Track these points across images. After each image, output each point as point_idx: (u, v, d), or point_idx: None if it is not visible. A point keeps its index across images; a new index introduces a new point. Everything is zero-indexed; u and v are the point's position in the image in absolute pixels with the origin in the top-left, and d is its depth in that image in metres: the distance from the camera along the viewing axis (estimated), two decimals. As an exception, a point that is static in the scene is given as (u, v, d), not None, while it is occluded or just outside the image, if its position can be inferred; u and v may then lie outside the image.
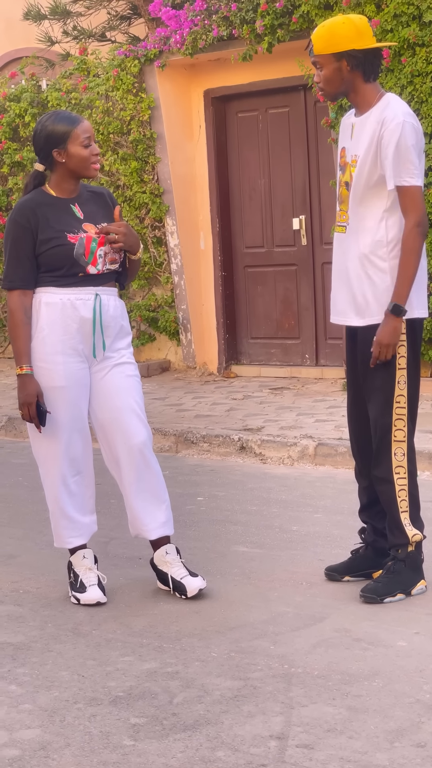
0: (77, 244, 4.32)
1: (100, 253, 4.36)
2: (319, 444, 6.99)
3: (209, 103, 10.15)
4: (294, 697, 3.46)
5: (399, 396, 4.29)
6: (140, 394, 4.49)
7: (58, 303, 4.34)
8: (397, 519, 4.32)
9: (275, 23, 8.80)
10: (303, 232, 9.76)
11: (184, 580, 4.40)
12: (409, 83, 8.20)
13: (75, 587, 4.49)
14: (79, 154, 4.34)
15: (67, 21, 11.49)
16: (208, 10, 9.33)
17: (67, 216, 4.38)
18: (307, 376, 9.72)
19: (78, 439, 4.43)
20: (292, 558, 4.94)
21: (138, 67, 9.97)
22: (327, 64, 4.24)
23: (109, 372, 4.43)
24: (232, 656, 3.82)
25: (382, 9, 8.24)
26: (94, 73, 10.48)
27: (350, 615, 4.16)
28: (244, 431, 7.51)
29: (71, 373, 4.36)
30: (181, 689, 3.57)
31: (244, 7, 8.96)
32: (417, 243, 4.17)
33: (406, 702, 3.38)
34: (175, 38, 9.55)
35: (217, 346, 10.31)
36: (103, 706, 3.47)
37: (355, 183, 4.26)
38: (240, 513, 5.81)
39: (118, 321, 4.45)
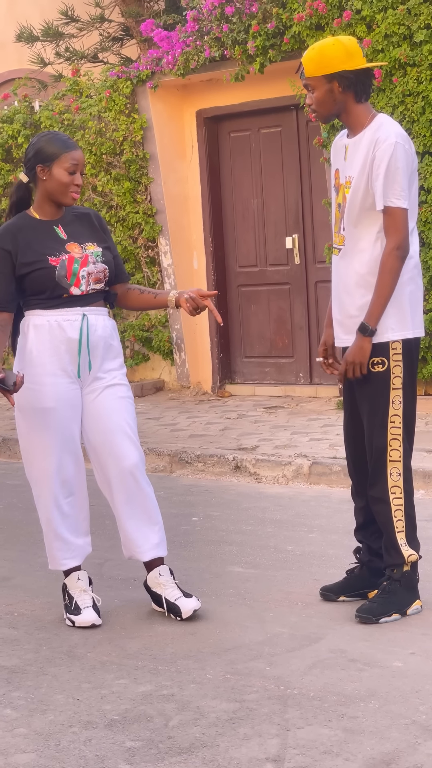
0: (59, 266, 4.31)
1: (83, 274, 4.34)
2: (314, 463, 6.98)
3: (201, 123, 10.18)
4: (290, 719, 3.45)
5: (394, 416, 4.29)
6: (132, 415, 4.48)
7: (45, 325, 4.34)
8: (393, 539, 4.32)
9: (267, 44, 8.84)
10: (296, 251, 9.77)
11: (178, 602, 4.39)
12: (400, 103, 8.24)
13: (70, 609, 4.47)
14: (60, 177, 4.35)
15: (59, 42, 11.52)
16: (199, 31, 9.36)
17: (49, 238, 4.38)
18: (301, 395, 9.72)
19: (70, 460, 4.42)
20: (288, 578, 4.92)
21: (130, 87, 10.00)
22: (319, 86, 4.25)
23: (100, 394, 4.42)
24: (228, 678, 3.81)
25: (373, 29, 8.28)
26: (86, 94, 10.51)
27: (346, 635, 4.15)
28: (239, 451, 7.50)
29: (60, 395, 4.35)
30: (176, 712, 3.56)
31: (236, 28, 8.99)
32: (395, 265, 4.17)
33: (402, 723, 3.37)
34: (167, 59, 9.59)
35: (211, 366, 10.31)
36: (99, 730, 3.46)
37: (349, 204, 4.27)
38: (235, 533, 5.80)
39: (107, 341, 4.43)
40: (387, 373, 4.27)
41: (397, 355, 4.26)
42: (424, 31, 8.00)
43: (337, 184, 4.39)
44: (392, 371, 4.26)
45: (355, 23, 8.35)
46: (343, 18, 8.33)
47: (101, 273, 4.41)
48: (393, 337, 4.24)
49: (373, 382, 4.28)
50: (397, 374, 4.27)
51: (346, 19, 8.31)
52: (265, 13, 8.82)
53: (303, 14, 8.51)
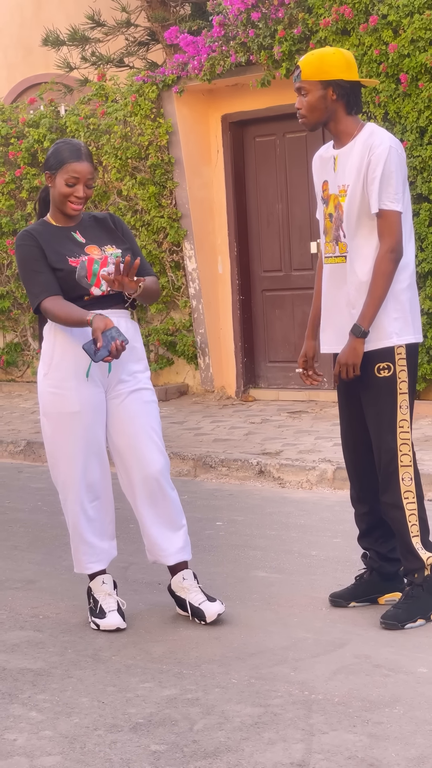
0: (78, 267, 4.32)
1: (103, 274, 4.34)
2: (338, 468, 6.98)
3: (227, 128, 10.20)
4: (314, 724, 3.45)
5: (402, 420, 4.29)
6: (157, 420, 4.49)
7: (68, 329, 4.34)
8: (410, 544, 4.31)
9: (293, 49, 8.85)
10: (321, 255, 9.76)
11: (202, 606, 4.40)
12: (426, 107, 8.22)
13: (94, 613, 4.48)
14: (60, 188, 4.37)
15: (85, 47, 11.57)
16: (225, 36, 9.38)
17: (68, 242, 4.40)
18: (325, 400, 9.71)
19: (96, 464, 4.43)
20: (312, 583, 4.93)
21: (156, 92, 10.03)
22: (313, 90, 4.27)
23: (126, 398, 4.42)
24: (252, 683, 3.81)
25: (399, 34, 8.28)
26: (112, 99, 10.54)
27: (370, 641, 4.15)
28: (263, 455, 7.51)
29: (85, 399, 4.36)
30: (201, 716, 3.56)
31: (262, 33, 9.01)
32: (389, 268, 4.19)
33: (428, 729, 3.37)
34: (192, 64, 9.61)
35: (235, 370, 10.32)
36: (124, 733, 3.47)
37: (347, 213, 4.27)
38: (259, 538, 5.80)
39: (130, 343, 4.41)
40: (393, 378, 4.27)
41: (402, 360, 4.27)
42: (451, 36, 7.99)
43: (326, 196, 4.41)
44: (398, 376, 4.27)
45: (381, 28, 8.34)
46: (370, 23, 8.33)
47: None
48: (398, 342, 4.26)
49: (379, 388, 4.28)
50: (403, 379, 4.28)
51: (372, 24, 8.31)
52: (291, 18, 8.83)
53: (329, 19, 8.52)
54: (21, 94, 13.41)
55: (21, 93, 13.43)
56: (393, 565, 4.52)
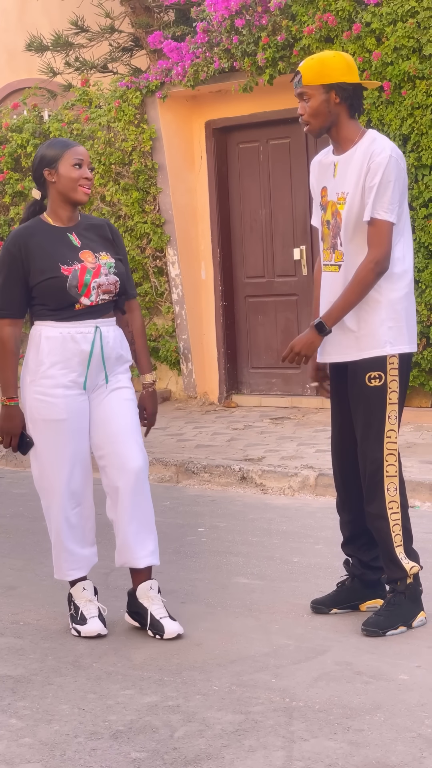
0: (70, 276, 4.28)
1: (94, 285, 4.32)
2: (320, 474, 6.98)
3: (210, 134, 10.20)
4: (295, 731, 3.45)
5: (390, 431, 4.29)
6: (136, 417, 4.48)
7: (58, 337, 4.32)
8: (393, 554, 4.32)
9: (276, 56, 8.86)
10: (303, 262, 9.79)
11: (163, 621, 4.32)
12: (409, 115, 8.25)
13: (75, 619, 4.47)
14: (67, 174, 4.32)
15: (69, 52, 11.55)
16: (209, 42, 9.39)
17: (62, 245, 4.35)
18: (308, 406, 9.72)
19: (79, 471, 4.42)
20: (294, 590, 4.92)
21: (139, 98, 10.03)
22: (315, 95, 4.23)
23: (106, 396, 4.42)
24: (234, 690, 3.81)
25: (383, 42, 8.30)
26: (95, 104, 10.54)
27: (352, 648, 4.15)
28: (245, 461, 7.51)
29: (72, 407, 4.35)
30: (182, 723, 3.56)
31: (246, 40, 9.02)
32: (369, 278, 4.16)
33: (408, 737, 3.37)
34: (176, 70, 9.62)
35: (218, 376, 10.32)
36: (104, 740, 3.46)
37: (345, 220, 4.26)
38: (241, 544, 5.80)
39: (118, 351, 4.44)
40: (384, 387, 4.26)
41: (394, 370, 4.26)
42: (434, 44, 8.02)
43: (325, 202, 4.39)
44: (389, 386, 4.26)
45: (364, 36, 8.36)
46: (353, 31, 8.35)
47: (112, 285, 4.39)
48: (391, 351, 4.24)
49: (368, 397, 4.27)
50: (393, 389, 4.27)
51: (356, 31, 8.33)
52: (274, 26, 8.84)
53: (313, 27, 8.54)
54: (4, 99, 13.39)
55: (4, 98, 13.40)
56: (375, 573, 4.52)
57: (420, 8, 8.06)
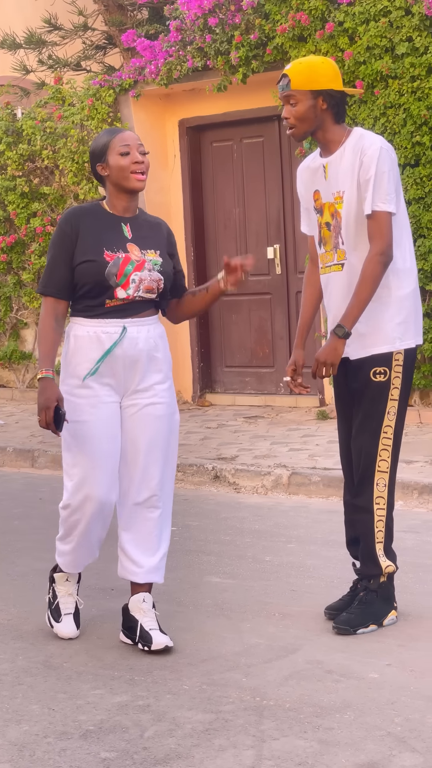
0: (111, 263, 4.13)
1: (134, 278, 4.15)
2: (293, 473, 6.99)
3: (184, 132, 10.20)
4: (265, 730, 3.45)
5: (387, 426, 4.30)
6: (166, 435, 4.28)
7: (85, 336, 4.19)
8: (372, 550, 4.32)
9: (249, 55, 8.86)
10: (277, 261, 9.80)
11: (152, 632, 4.21)
12: (382, 115, 8.27)
13: (50, 608, 4.43)
14: (117, 163, 4.17)
15: (42, 50, 11.52)
16: (182, 41, 9.38)
17: (112, 232, 4.21)
18: (281, 405, 9.73)
19: (102, 475, 4.22)
20: (265, 589, 4.93)
21: (113, 96, 10.01)
22: (303, 100, 4.24)
23: (138, 411, 4.25)
24: (204, 689, 3.80)
25: (356, 41, 8.31)
26: (69, 102, 10.51)
27: (322, 646, 4.15)
28: (218, 460, 7.51)
29: (97, 408, 4.20)
30: (152, 723, 3.55)
31: (219, 39, 9.01)
32: (376, 271, 4.16)
33: (378, 735, 3.37)
34: (149, 68, 9.60)
35: (192, 375, 10.31)
36: (74, 740, 3.45)
37: (346, 218, 4.26)
38: (213, 543, 5.79)
39: (150, 353, 4.23)
40: (387, 383, 4.27)
41: (399, 366, 4.27)
42: (406, 43, 8.05)
43: (320, 205, 4.38)
44: (392, 382, 4.27)
45: (337, 35, 8.38)
46: (326, 30, 8.36)
47: (155, 282, 4.20)
48: (397, 347, 4.25)
49: (372, 391, 4.28)
50: (396, 385, 4.28)
51: (329, 31, 8.35)
52: (248, 24, 8.84)
53: (286, 26, 8.54)
54: (-23, 96, 13.32)
55: (-23, 96, 13.34)
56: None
57: (392, 8, 8.08)
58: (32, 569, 5.32)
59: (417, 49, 8.06)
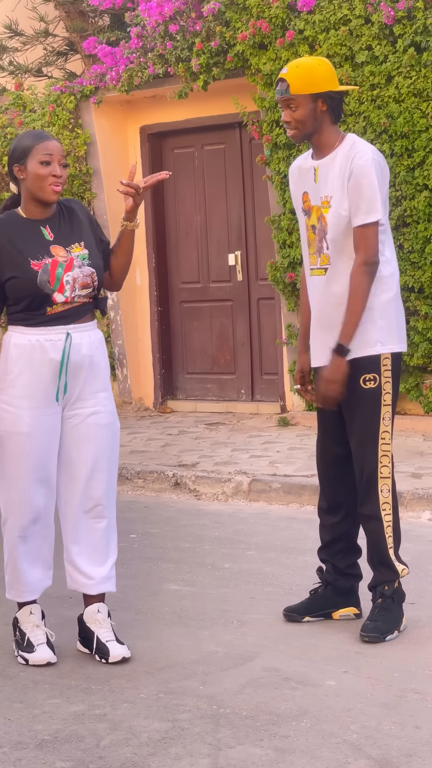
0: (41, 271, 4.05)
1: (67, 279, 4.07)
2: (253, 480, 7.00)
3: (145, 139, 10.19)
4: (222, 738, 3.45)
5: (384, 432, 4.30)
6: (110, 444, 4.24)
7: (27, 345, 4.11)
8: (385, 555, 4.32)
9: (210, 62, 8.87)
10: (239, 267, 9.80)
11: (109, 644, 4.15)
12: (342, 122, 8.30)
13: (21, 646, 4.23)
14: (35, 171, 4.08)
15: (2, 56, 11.48)
16: (143, 47, 9.38)
17: (33, 239, 4.12)
18: (242, 411, 9.74)
19: (41, 489, 4.18)
20: (224, 596, 4.92)
21: (74, 102, 9.99)
22: (304, 104, 4.23)
23: (82, 421, 4.20)
24: (161, 697, 3.79)
25: (315, 50, 8.34)
26: (30, 108, 10.48)
27: (280, 654, 4.15)
28: (179, 467, 7.50)
29: (37, 420, 4.13)
30: (108, 732, 3.54)
31: (180, 46, 9.02)
32: (364, 281, 4.18)
33: (334, 742, 3.38)
34: (111, 75, 9.59)
35: (153, 381, 10.30)
36: (29, 750, 3.43)
37: (331, 224, 4.26)
38: (173, 550, 5.78)
39: (92, 359, 4.18)
40: (378, 389, 4.27)
41: (387, 371, 4.28)
42: (366, 52, 8.09)
43: (307, 207, 4.38)
44: (383, 387, 4.28)
45: (297, 43, 8.41)
46: (286, 38, 8.39)
47: (88, 277, 4.13)
48: (383, 351, 4.26)
49: (364, 399, 4.28)
50: (387, 390, 4.29)
51: (289, 39, 8.37)
52: (208, 32, 8.85)
53: (246, 33, 8.56)
54: None
55: None
56: (349, 581, 4.51)
57: (352, 16, 8.12)
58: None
59: (377, 57, 8.11)
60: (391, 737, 3.40)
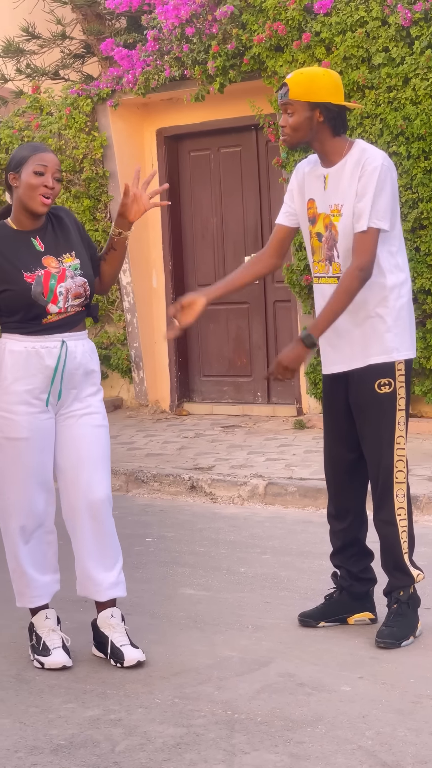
0: (34, 283, 4.09)
1: (61, 290, 4.14)
2: (269, 483, 6.99)
3: (162, 141, 10.20)
4: (236, 744, 3.44)
5: (399, 437, 4.30)
6: (105, 445, 4.30)
7: (22, 351, 4.15)
8: (400, 561, 4.31)
9: (227, 64, 8.87)
10: (255, 270, 9.78)
11: (123, 648, 4.17)
12: (358, 125, 8.29)
13: (37, 650, 4.23)
14: (28, 180, 4.12)
15: (20, 59, 11.50)
16: (160, 50, 9.39)
17: (25, 251, 4.16)
18: (258, 414, 9.74)
19: (40, 494, 4.22)
20: (239, 601, 4.92)
21: (91, 105, 10.01)
22: (300, 110, 4.22)
23: (76, 422, 4.24)
24: (176, 702, 3.80)
25: (332, 52, 8.34)
26: (47, 111, 10.50)
27: (295, 659, 4.15)
28: (195, 470, 7.50)
29: (35, 425, 4.17)
30: (123, 737, 3.54)
31: (196, 48, 9.02)
32: (353, 285, 4.15)
33: (348, 749, 3.37)
34: (127, 78, 9.60)
35: (170, 384, 10.31)
36: (45, 755, 3.43)
37: (342, 232, 4.24)
38: (188, 554, 5.78)
39: (86, 366, 4.24)
40: (393, 394, 4.27)
41: (402, 376, 4.28)
42: (382, 54, 8.08)
43: (313, 214, 4.36)
44: (398, 392, 4.28)
45: (314, 45, 8.40)
46: (303, 40, 8.38)
47: (81, 287, 4.18)
48: (398, 357, 4.26)
49: (380, 404, 4.28)
50: (402, 395, 4.29)
51: (306, 41, 8.36)
52: (225, 34, 8.85)
53: (263, 35, 8.56)
54: None
55: None
56: (363, 585, 4.50)
57: (369, 18, 8.11)
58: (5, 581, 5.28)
59: (393, 59, 8.10)
60: (406, 744, 3.39)
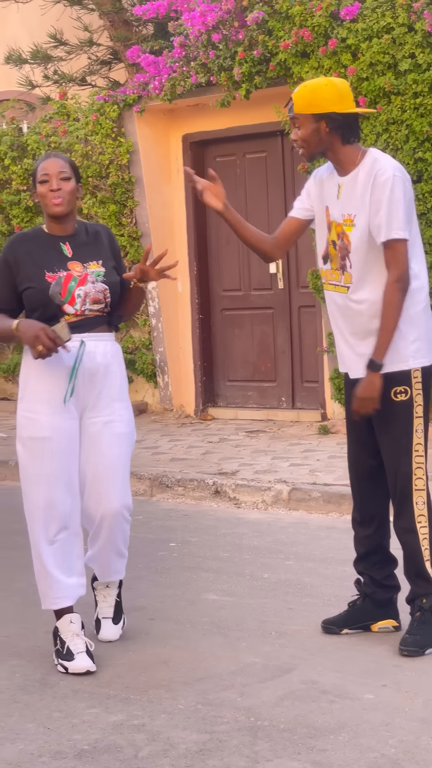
0: (54, 283, 4.21)
1: (79, 293, 4.23)
2: (293, 489, 7.00)
3: (187, 147, 10.23)
4: (259, 751, 3.45)
5: (417, 444, 4.30)
6: (127, 453, 4.38)
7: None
8: (422, 568, 4.30)
9: (253, 70, 8.89)
10: (280, 275, 9.81)
11: (103, 622, 4.55)
12: (384, 131, 8.29)
13: (62, 655, 4.25)
14: (38, 192, 4.35)
15: (47, 65, 11.55)
16: (186, 56, 9.41)
17: (53, 253, 4.31)
18: (283, 419, 9.74)
19: (66, 494, 4.27)
20: (262, 607, 4.93)
21: (117, 111, 10.05)
22: (306, 123, 4.25)
23: (99, 429, 4.31)
24: (199, 708, 3.81)
25: (358, 58, 8.34)
26: (73, 117, 10.55)
27: (318, 666, 4.15)
28: (219, 475, 7.51)
29: (56, 425, 4.24)
30: (146, 742, 3.56)
31: (222, 55, 9.04)
32: (396, 298, 4.18)
33: (371, 757, 3.38)
34: (153, 84, 9.64)
35: (194, 389, 10.33)
36: (68, 760, 3.46)
37: (355, 242, 4.25)
38: (212, 559, 5.80)
39: (108, 367, 4.32)
40: (410, 401, 4.28)
41: (419, 383, 4.29)
42: (408, 60, 8.07)
43: (329, 222, 4.38)
44: (415, 399, 4.28)
45: (340, 51, 8.40)
46: (329, 46, 8.39)
47: (101, 293, 4.29)
48: (415, 365, 4.27)
49: (396, 412, 4.29)
50: (419, 402, 4.29)
51: (332, 47, 8.37)
52: (251, 40, 8.87)
53: (289, 42, 8.57)
54: (-17, 110, 13.36)
55: (-17, 109, 13.38)
56: (387, 592, 4.50)
57: (395, 24, 8.11)
58: (32, 585, 5.29)
59: (419, 65, 8.09)
60: (429, 752, 3.40)
